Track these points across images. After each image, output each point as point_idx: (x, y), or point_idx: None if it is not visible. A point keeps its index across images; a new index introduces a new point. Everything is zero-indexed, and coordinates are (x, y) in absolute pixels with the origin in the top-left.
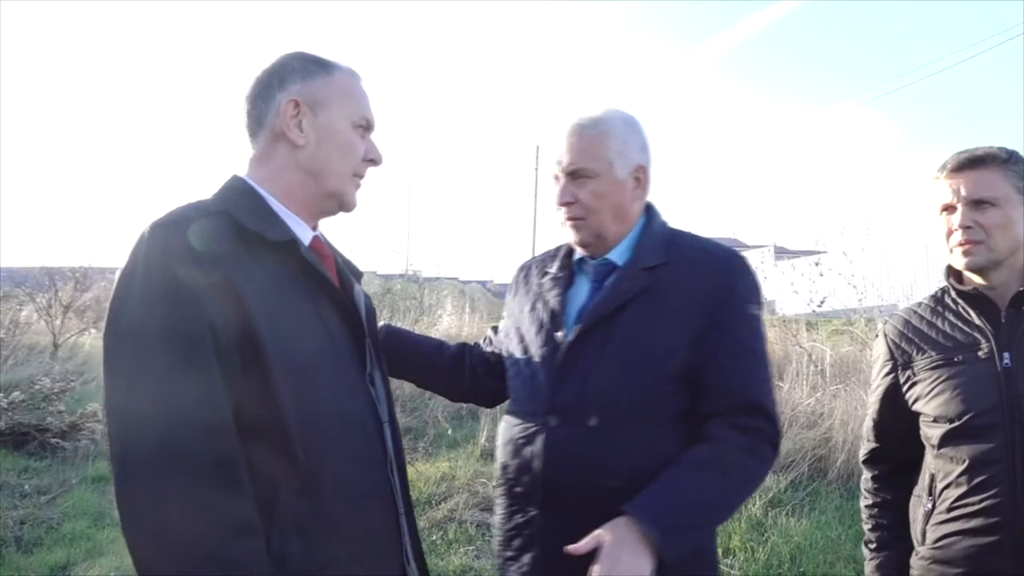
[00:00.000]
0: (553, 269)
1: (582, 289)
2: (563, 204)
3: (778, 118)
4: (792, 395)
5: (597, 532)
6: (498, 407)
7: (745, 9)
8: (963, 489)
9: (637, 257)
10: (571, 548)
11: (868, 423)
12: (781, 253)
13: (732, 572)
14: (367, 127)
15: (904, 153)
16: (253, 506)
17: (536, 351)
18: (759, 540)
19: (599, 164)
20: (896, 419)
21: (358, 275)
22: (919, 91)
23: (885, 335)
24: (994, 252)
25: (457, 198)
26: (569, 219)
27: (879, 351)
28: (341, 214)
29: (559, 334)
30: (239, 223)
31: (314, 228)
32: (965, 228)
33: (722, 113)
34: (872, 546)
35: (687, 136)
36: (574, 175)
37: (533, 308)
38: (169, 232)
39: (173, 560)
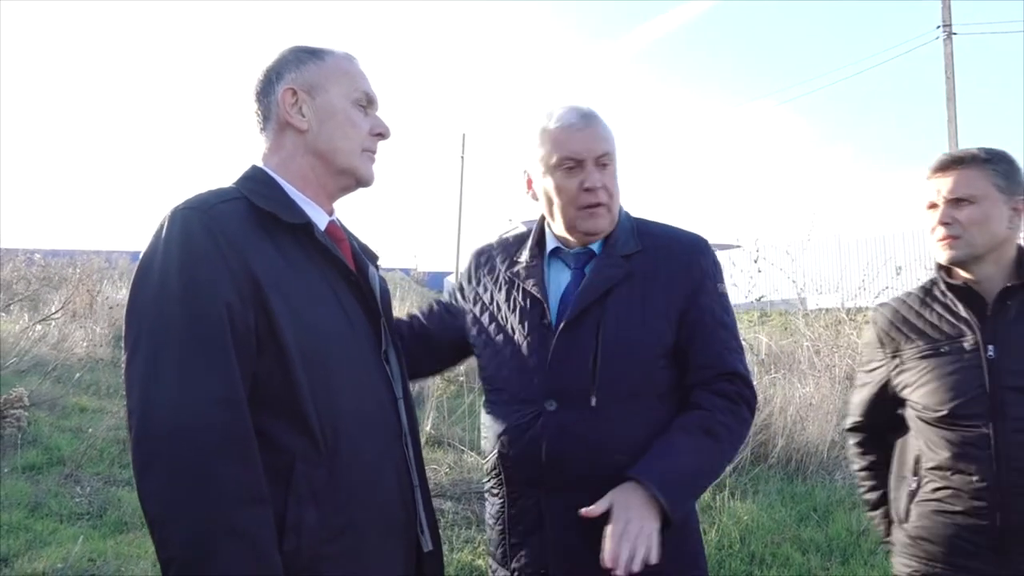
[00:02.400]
0: (524, 258)
1: (561, 277)
2: None
3: (695, 114)
4: None
5: (608, 496)
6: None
7: (659, 8)
8: (947, 473)
9: (612, 246)
10: (585, 511)
11: (856, 398)
12: None
13: None
14: (368, 103)
15: (819, 151)
16: (262, 478)
17: (522, 339)
18: (709, 522)
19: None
20: (882, 400)
21: (373, 258)
22: (834, 92)
23: (875, 323)
24: (972, 247)
25: (379, 184)
26: None
27: (868, 338)
28: (361, 190)
29: (546, 321)
30: (256, 206)
31: (330, 213)
32: (944, 224)
33: (639, 107)
34: (872, 505)
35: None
36: None
37: (509, 296)
38: (189, 217)
39: (184, 528)
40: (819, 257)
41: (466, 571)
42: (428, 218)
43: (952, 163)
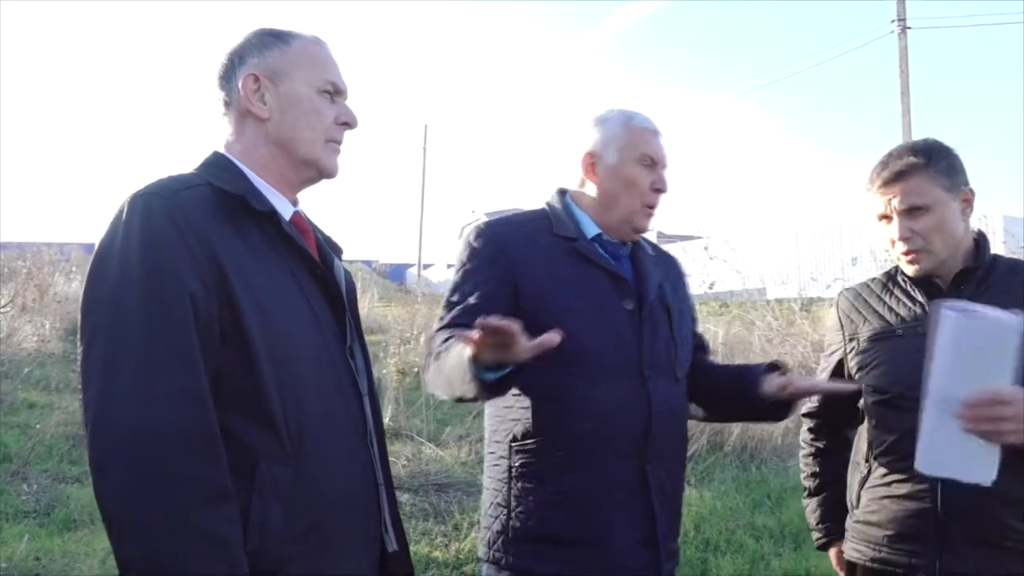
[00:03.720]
0: (575, 236)
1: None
2: None
3: (660, 107)
4: None
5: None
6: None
7: (621, 3)
8: (895, 457)
9: (641, 246)
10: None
11: None
12: (660, 237)
13: None
14: (335, 91)
15: (780, 144)
16: (228, 475)
17: (610, 312)
18: None
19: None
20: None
21: (338, 250)
22: (794, 86)
23: (837, 306)
24: (935, 255)
25: (341, 175)
26: None
27: (831, 321)
28: (324, 181)
29: (627, 299)
30: (220, 193)
31: (294, 203)
32: (904, 239)
33: (608, 97)
34: (808, 492)
35: (577, 118)
36: None
37: (574, 271)
38: (151, 202)
39: (146, 528)
40: (777, 249)
41: (423, 563)
42: (390, 210)
43: (896, 176)
